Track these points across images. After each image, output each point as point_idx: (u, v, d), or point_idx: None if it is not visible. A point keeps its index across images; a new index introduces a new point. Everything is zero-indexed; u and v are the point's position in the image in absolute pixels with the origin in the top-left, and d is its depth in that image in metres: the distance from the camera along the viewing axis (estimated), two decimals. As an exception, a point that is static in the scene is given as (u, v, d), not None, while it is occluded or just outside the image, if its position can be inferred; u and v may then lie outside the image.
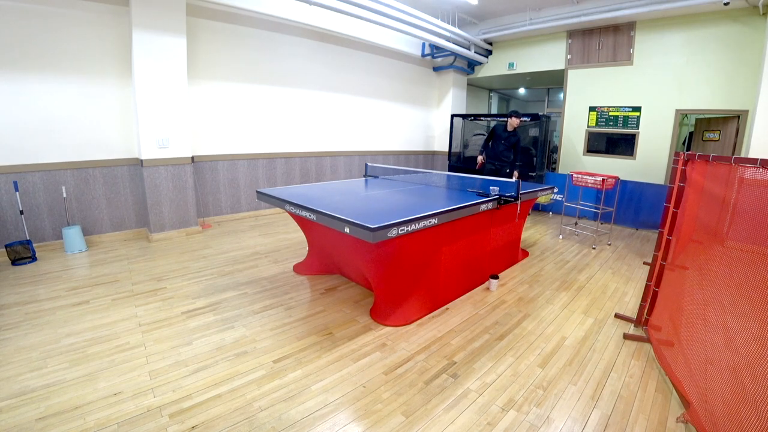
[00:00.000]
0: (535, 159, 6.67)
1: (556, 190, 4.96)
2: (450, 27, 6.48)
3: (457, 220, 2.82)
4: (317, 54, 6.24)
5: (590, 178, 5.01)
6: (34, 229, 4.03)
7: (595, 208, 5.52)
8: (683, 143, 7.10)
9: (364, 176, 4.57)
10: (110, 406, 1.84)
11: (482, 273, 3.49)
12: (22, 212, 3.89)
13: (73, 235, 4.08)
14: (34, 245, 3.95)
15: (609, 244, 4.96)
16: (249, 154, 5.69)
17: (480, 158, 5.44)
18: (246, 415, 1.82)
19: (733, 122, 5.50)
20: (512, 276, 3.75)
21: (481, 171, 5.47)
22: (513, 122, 5.17)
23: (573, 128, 6.98)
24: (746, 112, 5.23)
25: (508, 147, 5.26)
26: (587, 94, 6.71)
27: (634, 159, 6.32)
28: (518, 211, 3.63)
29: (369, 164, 4.76)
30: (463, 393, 2.03)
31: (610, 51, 6.35)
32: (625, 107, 6.31)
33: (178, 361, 2.22)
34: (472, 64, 8.27)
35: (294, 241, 4.65)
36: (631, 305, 3.17)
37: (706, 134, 6.11)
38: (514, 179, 5.15)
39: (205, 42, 5.00)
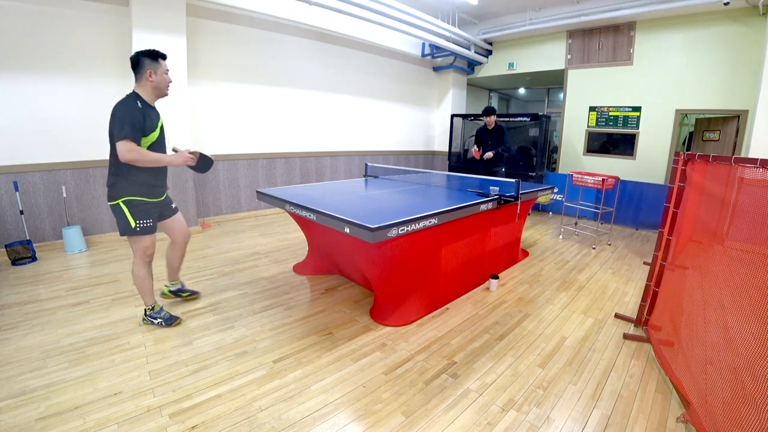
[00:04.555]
0: (534, 159, 6.67)
1: (556, 190, 4.96)
2: (450, 27, 6.48)
3: (457, 220, 2.82)
4: (317, 54, 6.24)
5: (590, 178, 5.01)
6: (34, 229, 4.03)
7: (595, 208, 5.51)
8: (683, 143, 7.10)
9: (364, 176, 4.57)
10: (110, 406, 1.84)
11: (482, 273, 3.48)
12: (22, 212, 3.90)
13: (73, 235, 4.08)
14: (34, 245, 3.95)
15: (609, 244, 4.96)
16: (249, 154, 5.69)
17: (474, 149, 5.23)
18: (246, 415, 1.81)
19: (733, 122, 5.50)
20: (512, 276, 3.75)
21: (482, 161, 5.21)
22: (490, 120, 5.13)
23: (573, 128, 6.98)
24: (746, 112, 5.24)
25: (497, 144, 5.16)
26: (587, 94, 6.71)
27: (634, 159, 6.32)
28: (518, 211, 3.63)
29: (369, 164, 4.76)
30: (463, 393, 2.03)
31: (610, 51, 6.35)
32: (625, 107, 6.31)
33: (178, 361, 2.22)
34: (472, 64, 8.27)
35: (294, 241, 4.65)
36: (631, 305, 3.17)
37: (706, 134, 6.11)
38: (487, 157, 5.05)
39: (205, 42, 5.00)
